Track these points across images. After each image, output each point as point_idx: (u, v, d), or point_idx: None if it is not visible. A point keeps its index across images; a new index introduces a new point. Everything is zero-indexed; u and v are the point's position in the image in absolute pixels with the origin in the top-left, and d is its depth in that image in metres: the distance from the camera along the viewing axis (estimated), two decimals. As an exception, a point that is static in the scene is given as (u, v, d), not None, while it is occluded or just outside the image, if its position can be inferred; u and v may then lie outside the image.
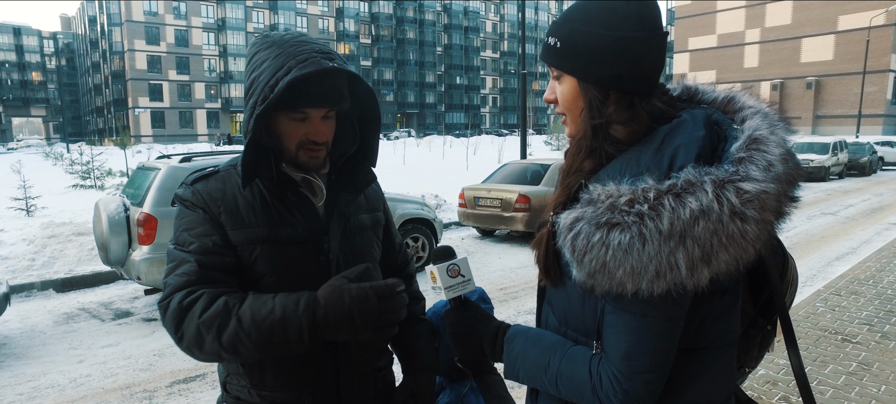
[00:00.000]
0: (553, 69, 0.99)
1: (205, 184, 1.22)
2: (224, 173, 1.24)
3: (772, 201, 0.81)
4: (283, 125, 1.19)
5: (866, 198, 14.66)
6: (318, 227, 1.25)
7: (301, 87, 1.13)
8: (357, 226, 1.32)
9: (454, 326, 1.13)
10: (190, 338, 1.08)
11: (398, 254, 1.53)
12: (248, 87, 1.17)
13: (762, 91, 42.43)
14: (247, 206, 1.20)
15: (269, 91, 1.11)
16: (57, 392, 3.86)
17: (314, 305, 1.08)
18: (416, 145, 41.60)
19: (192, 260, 1.13)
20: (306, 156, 1.21)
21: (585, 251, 0.82)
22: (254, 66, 1.17)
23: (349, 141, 1.31)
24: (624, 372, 0.86)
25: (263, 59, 1.15)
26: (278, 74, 1.11)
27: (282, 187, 1.22)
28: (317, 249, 1.24)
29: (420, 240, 7.25)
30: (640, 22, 0.91)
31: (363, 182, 1.34)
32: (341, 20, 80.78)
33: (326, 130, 1.21)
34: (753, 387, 3.48)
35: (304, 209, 1.24)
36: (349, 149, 1.32)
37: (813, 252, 8.04)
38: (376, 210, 1.42)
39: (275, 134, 1.20)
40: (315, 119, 1.18)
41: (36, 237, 7.71)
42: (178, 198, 1.24)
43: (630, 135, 0.91)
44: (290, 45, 1.16)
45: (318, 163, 1.24)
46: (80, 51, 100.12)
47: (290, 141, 1.20)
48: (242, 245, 1.18)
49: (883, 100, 43.12)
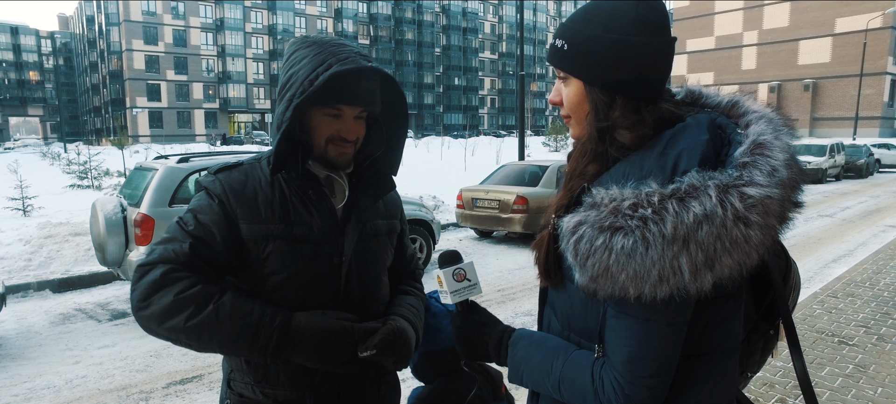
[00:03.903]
0: (559, 71, 0.99)
1: (227, 175, 1.25)
2: (248, 166, 1.28)
3: (776, 206, 0.80)
4: (316, 120, 1.22)
5: (863, 200, 14.70)
6: (334, 229, 1.27)
7: (339, 83, 1.17)
8: (373, 232, 1.35)
9: (460, 330, 1.13)
10: (157, 310, 1.10)
11: (409, 262, 1.54)
12: (284, 81, 1.21)
13: (760, 93, 42.35)
14: (266, 201, 1.22)
15: (308, 84, 1.15)
16: (52, 393, 3.84)
17: (290, 322, 1.15)
18: (415, 146, 41.60)
19: (187, 242, 1.16)
20: (335, 151, 1.24)
21: (588, 255, 0.82)
22: (292, 63, 1.21)
23: (376, 144, 1.35)
24: (626, 377, 0.86)
25: (303, 57, 1.20)
26: (319, 70, 1.16)
27: (305, 183, 1.24)
28: (331, 250, 1.26)
29: (418, 241, 7.24)
30: (647, 25, 0.90)
31: (383, 189, 1.37)
32: (340, 21, 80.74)
33: (357, 130, 1.25)
34: (751, 389, 3.48)
35: (323, 209, 1.26)
36: (375, 152, 1.35)
37: (810, 254, 8.05)
38: (393, 217, 1.44)
39: (307, 128, 1.23)
40: (348, 117, 1.22)
41: (32, 237, 7.68)
42: (199, 185, 1.28)
43: (635, 140, 0.90)
44: (331, 45, 1.21)
45: (346, 160, 1.27)
46: (78, 50, 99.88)
47: (321, 135, 1.23)
48: (255, 239, 1.21)
49: (880, 102, 43.26)
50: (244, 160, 1.31)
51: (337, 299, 1.26)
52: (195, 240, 1.17)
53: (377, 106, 1.26)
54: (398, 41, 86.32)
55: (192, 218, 1.20)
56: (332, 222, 1.27)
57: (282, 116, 1.19)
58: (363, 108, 1.23)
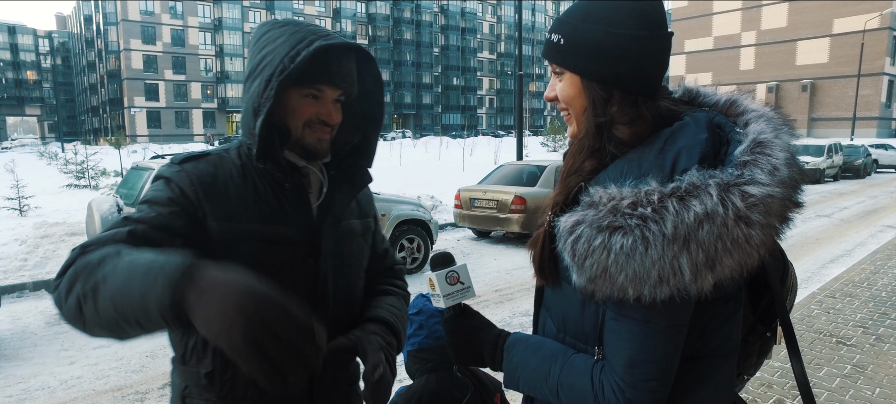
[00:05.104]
0: (555, 66, 0.97)
1: (195, 165, 1.12)
2: (216, 157, 1.15)
3: (777, 205, 0.79)
4: (294, 101, 1.12)
5: (861, 200, 14.73)
6: (310, 228, 1.18)
7: (321, 62, 1.09)
8: (348, 231, 1.26)
9: (453, 334, 1.10)
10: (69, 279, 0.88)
11: (384, 257, 1.44)
12: (256, 63, 1.10)
13: (758, 93, 42.46)
14: (239, 196, 1.11)
15: (289, 61, 1.06)
16: (47, 394, 3.82)
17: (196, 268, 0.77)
18: (413, 146, 41.59)
19: (128, 228, 0.98)
20: (313, 137, 1.15)
21: (586, 255, 0.80)
22: (266, 43, 1.11)
23: (352, 131, 1.26)
24: (627, 381, 0.84)
25: (278, 36, 1.11)
26: (300, 46, 1.07)
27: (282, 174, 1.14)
28: (306, 252, 1.16)
29: (415, 241, 7.23)
30: (645, 20, 0.89)
31: (360, 182, 1.28)
32: (338, 21, 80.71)
33: (336, 114, 1.16)
34: (748, 390, 3.47)
35: (299, 206, 1.17)
36: (351, 140, 1.27)
37: (808, 254, 8.05)
38: (368, 216, 1.35)
39: (283, 111, 1.13)
40: (328, 99, 1.14)
41: (28, 237, 7.65)
42: (159, 175, 1.12)
43: (633, 137, 0.89)
44: (307, 24, 1.13)
45: (324, 148, 1.17)
46: (76, 50, 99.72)
47: (299, 119, 1.13)
48: (226, 239, 1.08)
49: (877, 102, 43.35)
50: (210, 150, 1.17)
51: (313, 305, 1.16)
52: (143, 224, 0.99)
53: (355, 89, 1.18)
54: (397, 41, 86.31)
55: (146, 207, 1.05)
56: (307, 221, 1.17)
57: (260, 97, 1.07)
58: (343, 91, 1.14)
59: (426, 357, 1.58)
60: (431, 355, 1.58)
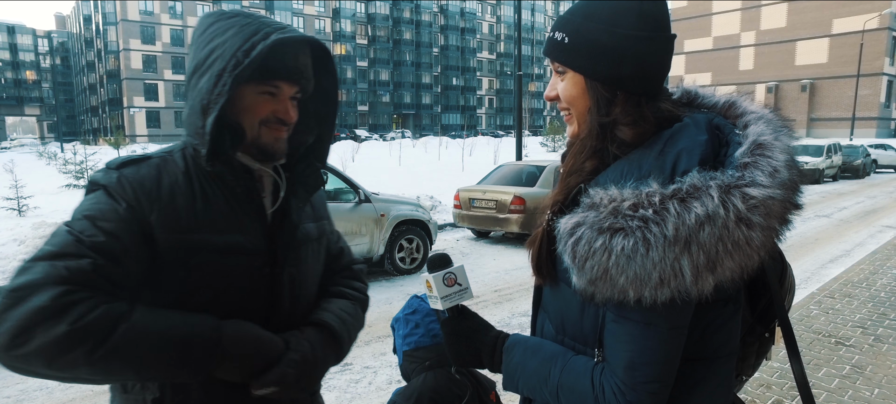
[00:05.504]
0: (557, 65, 0.96)
1: (135, 171, 1.01)
2: (159, 160, 1.05)
3: (777, 207, 0.79)
4: (248, 99, 1.04)
5: (860, 200, 14.74)
6: (266, 235, 1.10)
7: (277, 56, 1.02)
8: (305, 237, 1.19)
9: (452, 336, 1.10)
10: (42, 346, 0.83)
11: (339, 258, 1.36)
12: (203, 57, 1.01)
13: (757, 93, 42.60)
14: (187, 205, 1.01)
15: (243, 55, 0.97)
16: (45, 395, 3.82)
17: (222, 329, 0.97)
18: (412, 146, 41.57)
19: (88, 258, 0.90)
20: (270, 136, 1.07)
21: (587, 257, 0.80)
22: (213, 35, 1.02)
23: (306, 131, 1.19)
24: (628, 383, 0.84)
25: (227, 27, 1.02)
26: (254, 39, 0.99)
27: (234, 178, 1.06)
28: (263, 261, 1.09)
29: (415, 241, 7.23)
30: (651, 22, 0.89)
31: (314, 184, 1.21)
32: (338, 21, 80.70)
33: (294, 112, 1.09)
34: (747, 391, 3.47)
35: (253, 212, 1.09)
36: (306, 140, 1.20)
37: (807, 254, 8.05)
38: (322, 218, 1.28)
39: (235, 110, 1.04)
40: (285, 96, 1.07)
41: (27, 237, 7.64)
42: (95, 183, 1.01)
43: (636, 137, 0.89)
44: (258, 15, 1.05)
45: (281, 148, 1.10)
46: (75, 50, 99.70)
47: (254, 117, 1.05)
48: (175, 252, 0.99)
49: (876, 103, 43.39)
50: (151, 153, 1.07)
51: (268, 316, 1.09)
52: (99, 255, 0.91)
53: (311, 85, 1.12)
54: (396, 41, 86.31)
55: (89, 225, 0.93)
56: (262, 227, 1.10)
57: (209, 94, 0.98)
58: (299, 88, 1.08)
59: (424, 355, 1.58)
60: (429, 353, 1.58)
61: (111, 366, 0.88)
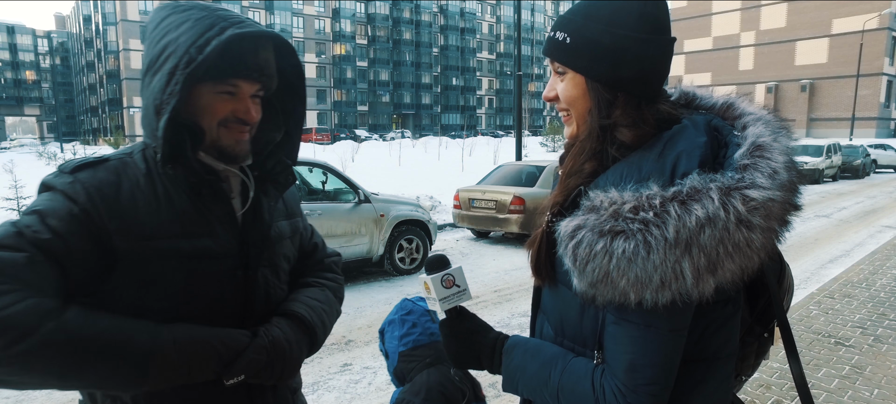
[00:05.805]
0: (558, 65, 0.95)
1: (92, 174, 0.95)
2: (117, 163, 1.00)
3: (777, 209, 0.79)
4: (205, 99, 0.98)
5: (860, 200, 14.74)
6: (237, 237, 1.06)
7: (235, 53, 0.96)
8: (278, 236, 1.15)
9: (450, 338, 1.10)
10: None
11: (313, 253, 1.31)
12: (156, 54, 0.96)
13: (757, 93, 42.73)
14: (149, 208, 0.96)
15: (196, 51, 0.92)
16: (44, 396, 3.81)
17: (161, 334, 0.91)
18: (412, 146, 41.57)
19: (25, 253, 0.85)
20: (230, 138, 1.02)
21: (588, 260, 0.80)
22: (166, 30, 0.96)
23: (273, 129, 1.14)
24: (628, 385, 0.84)
25: (181, 21, 0.96)
26: (209, 34, 0.93)
27: (198, 180, 1.00)
28: (235, 264, 1.05)
29: (414, 241, 7.23)
30: (653, 24, 0.89)
31: (285, 181, 1.16)
32: (338, 21, 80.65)
33: (255, 111, 1.03)
34: (747, 391, 3.47)
35: (222, 214, 1.04)
36: (274, 139, 1.15)
37: (806, 254, 8.06)
38: (295, 215, 1.24)
39: (191, 110, 0.98)
40: (245, 94, 1.01)
41: (27, 237, 7.64)
42: (47, 186, 0.95)
43: (636, 139, 0.89)
44: (215, 8, 0.98)
45: (244, 149, 1.05)
46: (75, 50, 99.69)
47: (212, 118, 1.00)
48: (137, 260, 0.94)
49: (876, 103, 43.40)
50: (109, 155, 1.01)
51: (243, 318, 1.06)
52: (38, 250, 0.86)
53: (275, 82, 1.06)
54: (396, 41, 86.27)
55: (37, 221, 0.89)
56: (233, 229, 1.05)
57: (162, 93, 0.93)
58: (261, 85, 1.02)
59: (423, 353, 1.58)
60: (428, 351, 1.58)
61: (30, 366, 0.81)
